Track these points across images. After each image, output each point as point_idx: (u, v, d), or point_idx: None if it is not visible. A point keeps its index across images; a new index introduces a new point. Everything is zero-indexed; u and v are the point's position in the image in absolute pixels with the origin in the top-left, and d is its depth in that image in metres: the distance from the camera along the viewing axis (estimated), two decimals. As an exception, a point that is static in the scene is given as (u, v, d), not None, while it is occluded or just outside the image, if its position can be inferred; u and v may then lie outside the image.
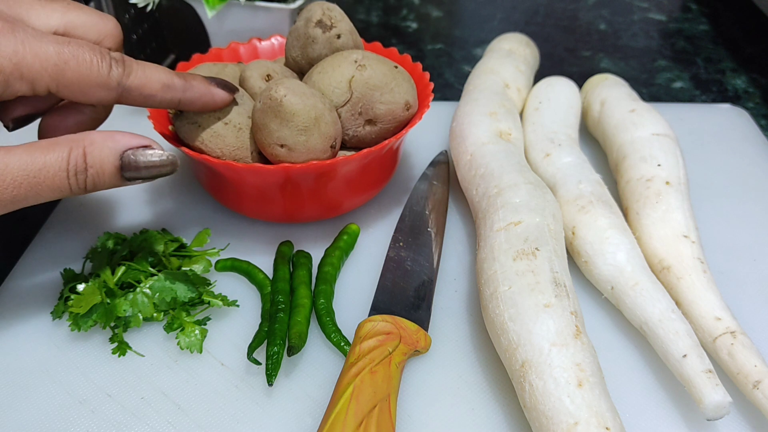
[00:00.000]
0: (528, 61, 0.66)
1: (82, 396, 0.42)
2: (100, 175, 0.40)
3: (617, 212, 0.49)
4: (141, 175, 0.41)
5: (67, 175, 0.39)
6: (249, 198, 0.51)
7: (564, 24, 0.91)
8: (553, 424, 0.35)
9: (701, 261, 0.46)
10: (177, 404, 0.42)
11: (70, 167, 0.39)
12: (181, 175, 0.60)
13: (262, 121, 0.46)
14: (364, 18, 0.93)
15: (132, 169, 0.40)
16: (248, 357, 0.43)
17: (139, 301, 0.46)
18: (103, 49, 0.41)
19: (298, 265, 0.49)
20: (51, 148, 0.39)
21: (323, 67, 0.49)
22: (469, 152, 0.54)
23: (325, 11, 0.51)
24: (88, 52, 0.40)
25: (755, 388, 0.39)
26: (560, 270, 0.42)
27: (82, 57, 0.39)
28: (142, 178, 0.41)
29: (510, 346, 0.39)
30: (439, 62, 0.82)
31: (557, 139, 0.56)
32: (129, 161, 0.40)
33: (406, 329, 0.44)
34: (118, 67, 0.41)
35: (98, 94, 0.40)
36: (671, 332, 0.41)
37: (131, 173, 0.40)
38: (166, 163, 0.41)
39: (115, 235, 0.51)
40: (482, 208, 0.49)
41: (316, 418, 0.41)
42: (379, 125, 0.49)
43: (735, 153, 0.62)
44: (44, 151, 0.38)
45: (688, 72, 0.80)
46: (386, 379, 0.40)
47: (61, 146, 0.39)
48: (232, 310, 0.48)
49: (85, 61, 0.39)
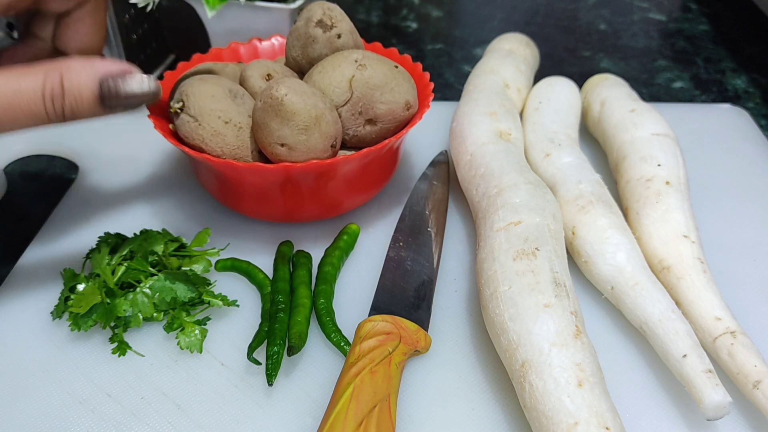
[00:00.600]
0: (528, 61, 0.66)
1: (82, 396, 0.42)
2: (78, 102, 0.38)
3: (617, 212, 0.49)
4: (121, 103, 0.39)
5: (43, 101, 0.37)
6: (249, 197, 0.51)
7: (564, 24, 0.91)
8: (553, 424, 0.35)
9: (701, 261, 0.46)
10: (177, 404, 0.42)
11: (46, 92, 0.37)
12: (181, 175, 0.60)
13: (262, 120, 0.46)
14: (364, 18, 0.93)
15: (112, 96, 0.39)
16: (248, 357, 0.43)
17: (139, 301, 0.46)
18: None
19: (298, 265, 0.49)
20: (26, 72, 0.37)
21: (323, 66, 0.49)
22: (469, 152, 0.54)
23: (325, 11, 0.51)
24: None
25: (755, 388, 0.39)
26: (560, 270, 0.42)
27: None
28: (123, 106, 0.39)
29: (510, 346, 0.39)
30: (439, 62, 0.82)
31: (557, 139, 0.56)
32: (108, 88, 0.38)
33: (406, 329, 0.44)
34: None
35: None
36: (671, 332, 0.41)
37: (111, 101, 0.39)
38: (148, 92, 0.39)
39: (115, 235, 0.51)
40: (482, 208, 0.49)
41: (316, 418, 0.41)
42: (379, 125, 0.50)
43: (735, 153, 0.62)
44: (19, 74, 0.37)
45: (688, 72, 0.80)
46: (386, 379, 0.40)
47: (37, 71, 0.38)
48: (232, 310, 0.48)
49: None
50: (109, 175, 0.60)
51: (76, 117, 0.39)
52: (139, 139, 0.60)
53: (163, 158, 0.62)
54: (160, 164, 0.61)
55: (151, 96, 0.40)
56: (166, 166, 0.61)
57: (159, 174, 0.60)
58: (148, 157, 0.62)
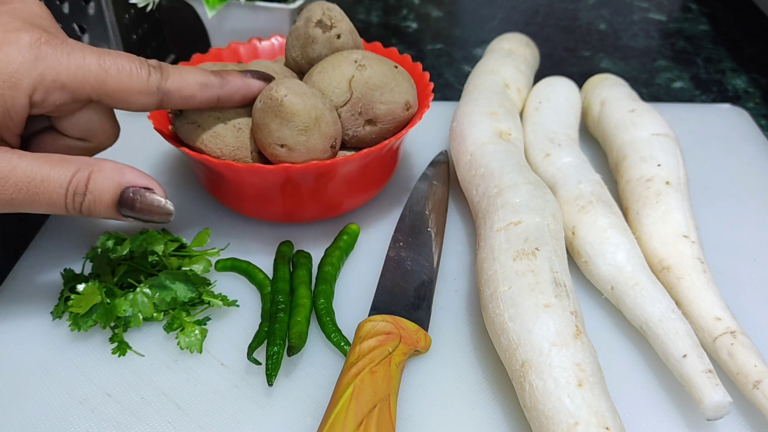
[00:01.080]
0: (528, 61, 0.66)
1: (82, 396, 0.42)
2: (97, 203, 0.40)
3: (617, 212, 0.49)
4: (135, 215, 0.41)
5: (65, 194, 0.39)
6: (249, 198, 0.51)
7: (564, 24, 0.91)
8: (553, 424, 0.35)
9: (701, 261, 0.46)
10: (177, 404, 0.42)
11: (70, 187, 0.39)
12: (181, 175, 0.60)
13: (262, 120, 0.46)
14: (364, 18, 0.93)
15: (128, 206, 0.41)
16: (248, 357, 0.43)
17: (139, 301, 0.46)
18: (141, 58, 0.42)
19: (298, 265, 0.49)
20: (59, 164, 0.40)
21: (323, 67, 0.49)
22: (469, 152, 0.54)
23: (325, 11, 0.51)
24: (127, 62, 0.41)
25: (755, 388, 0.39)
26: (560, 270, 0.42)
27: (122, 66, 0.41)
28: (135, 218, 0.42)
29: (510, 346, 0.39)
30: (439, 62, 0.82)
31: (557, 139, 0.56)
32: (127, 198, 0.41)
33: (406, 329, 0.44)
34: (156, 73, 0.42)
35: (140, 100, 0.42)
36: (671, 332, 0.41)
37: (127, 210, 0.41)
38: (162, 211, 0.42)
39: (115, 235, 0.51)
40: (482, 208, 0.49)
41: (316, 418, 0.41)
42: (379, 125, 0.50)
43: (735, 153, 0.62)
44: (53, 164, 0.39)
45: (688, 72, 0.80)
46: (386, 379, 0.40)
47: (70, 165, 0.40)
48: (232, 310, 0.48)
49: (125, 69, 0.41)
50: (109, 175, 0.60)
51: (92, 215, 0.41)
52: (139, 140, 0.60)
53: (163, 158, 0.62)
54: (160, 164, 0.61)
55: (165, 216, 0.42)
56: (166, 166, 0.61)
57: (159, 174, 0.60)
58: (148, 157, 0.62)
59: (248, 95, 0.47)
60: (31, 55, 0.39)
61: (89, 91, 0.41)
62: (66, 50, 0.40)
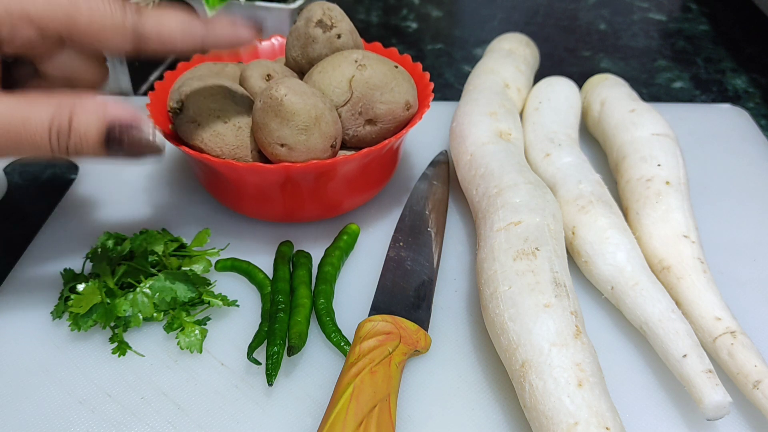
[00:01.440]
0: (528, 61, 0.66)
1: (82, 396, 0.42)
2: (83, 142, 0.38)
3: (617, 212, 0.49)
4: (124, 150, 0.39)
5: (48, 135, 0.37)
6: (249, 197, 0.51)
7: (564, 24, 0.91)
8: (553, 424, 0.35)
9: (701, 261, 0.46)
10: (177, 404, 0.42)
11: (53, 127, 0.37)
12: (181, 175, 0.60)
13: (262, 120, 0.46)
14: (364, 18, 0.93)
15: (115, 143, 0.38)
16: (248, 357, 0.43)
17: (139, 301, 0.46)
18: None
19: (298, 265, 0.49)
20: (38, 103, 0.37)
21: (323, 66, 0.49)
22: (469, 152, 0.54)
23: (325, 11, 0.51)
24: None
25: (755, 388, 0.39)
26: (560, 270, 0.42)
27: (94, 2, 0.38)
28: (125, 154, 0.39)
29: (510, 346, 0.39)
30: (439, 62, 0.82)
31: (557, 139, 0.56)
32: (114, 135, 0.38)
33: (406, 329, 0.44)
34: (132, 13, 0.39)
35: (114, 41, 0.39)
36: (671, 332, 0.41)
37: (115, 147, 0.38)
38: (152, 145, 0.39)
39: (115, 235, 0.51)
40: (482, 208, 0.49)
41: (316, 418, 0.41)
42: (379, 125, 0.50)
43: (735, 153, 0.62)
44: (31, 104, 0.37)
45: (688, 72, 0.80)
46: (386, 379, 0.40)
47: (49, 103, 0.37)
48: (232, 310, 0.48)
49: (97, 5, 0.38)
50: (109, 175, 0.60)
51: (79, 156, 0.39)
52: (139, 139, 0.60)
53: (163, 158, 0.62)
54: (160, 164, 0.61)
55: (155, 149, 0.39)
56: (166, 166, 0.61)
57: (159, 174, 0.60)
58: (148, 157, 0.62)
59: (234, 42, 0.43)
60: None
61: (58, 27, 0.38)
62: None
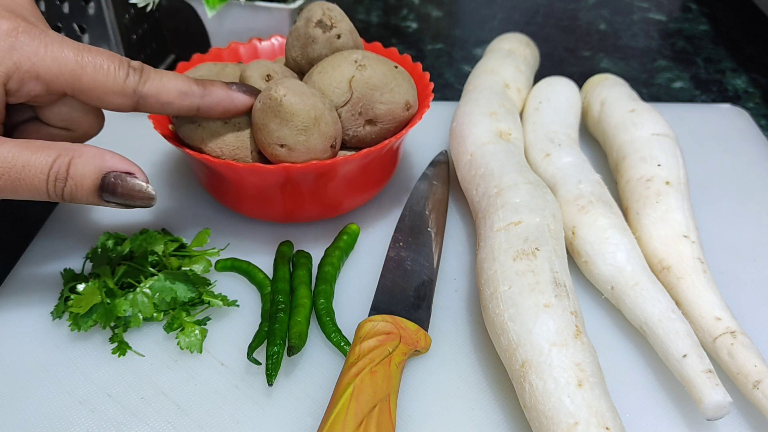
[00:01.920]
0: (528, 61, 0.66)
1: (82, 396, 0.42)
2: (78, 188, 0.40)
3: (617, 212, 0.49)
4: (117, 200, 0.41)
5: (46, 180, 0.39)
6: (249, 198, 0.51)
7: (564, 24, 0.91)
8: (553, 424, 0.35)
9: (701, 261, 0.46)
10: (177, 404, 0.42)
11: (51, 172, 0.39)
12: (181, 175, 0.60)
13: (262, 120, 0.46)
14: (364, 18, 0.93)
15: (110, 191, 0.40)
16: (248, 357, 0.43)
17: (139, 301, 0.46)
18: (124, 58, 0.42)
19: (298, 265, 0.49)
20: (40, 150, 0.39)
21: (323, 67, 0.49)
22: (469, 152, 0.54)
23: (325, 11, 0.51)
24: (106, 60, 0.41)
25: (755, 388, 0.39)
26: (560, 270, 0.42)
27: (99, 63, 0.41)
28: (117, 203, 0.41)
29: (510, 346, 0.39)
30: (439, 62, 0.82)
31: (557, 139, 0.56)
32: (108, 183, 0.40)
33: (406, 329, 0.44)
34: (134, 75, 0.42)
35: (115, 101, 0.42)
36: (671, 332, 0.41)
37: (108, 195, 0.41)
38: (144, 195, 0.41)
39: (115, 235, 0.51)
40: (482, 208, 0.49)
41: (316, 418, 0.41)
42: (379, 125, 0.50)
43: (735, 153, 0.62)
44: (33, 150, 0.39)
45: (688, 72, 0.80)
46: (386, 379, 0.40)
47: (51, 151, 0.39)
48: (232, 310, 0.48)
49: (102, 67, 0.41)
50: (109, 175, 0.60)
51: (74, 201, 0.41)
52: (139, 140, 0.60)
53: (163, 158, 0.62)
54: (160, 164, 0.61)
55: (147, 201, 0.41)
56: (166, 166, 0.61)
57: (159, 174, 0.60)
58: (149, 157, 0.62)
59: (230, 108, 0.46)
60: (8, 44, 0.39)
61: (63, 85, 0.40)
62: (44, 41, 0.40)
